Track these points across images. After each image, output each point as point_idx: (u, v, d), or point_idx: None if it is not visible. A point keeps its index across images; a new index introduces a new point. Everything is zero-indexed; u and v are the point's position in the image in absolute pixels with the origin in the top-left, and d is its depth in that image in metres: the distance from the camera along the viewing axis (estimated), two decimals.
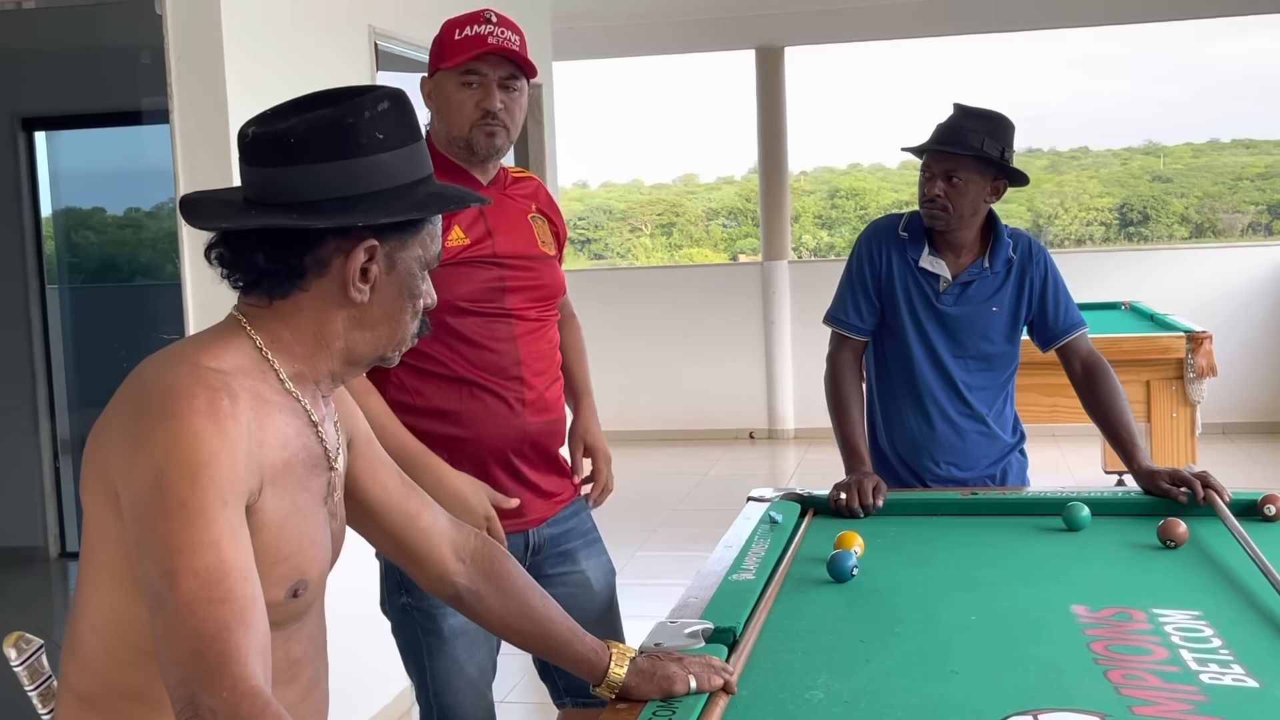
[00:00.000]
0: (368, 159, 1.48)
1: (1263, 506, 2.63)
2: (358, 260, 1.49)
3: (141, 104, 5.73)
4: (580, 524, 2.67)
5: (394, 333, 1.57)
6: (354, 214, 1.46)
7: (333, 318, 1.52)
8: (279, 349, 1.51)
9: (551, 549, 2.60)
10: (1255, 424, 8.57)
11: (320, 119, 1.47)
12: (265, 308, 1.51)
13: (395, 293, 1.54)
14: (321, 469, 1.56)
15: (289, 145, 1.47)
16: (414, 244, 1.54)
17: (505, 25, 2.51)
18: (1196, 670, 1.83)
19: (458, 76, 2.47)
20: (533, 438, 2.53)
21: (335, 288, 1.50)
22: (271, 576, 1.44)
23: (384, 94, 1.52)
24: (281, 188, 1.47)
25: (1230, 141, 16.63)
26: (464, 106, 2.47)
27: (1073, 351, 3.06)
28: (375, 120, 1.48)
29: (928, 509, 2.84)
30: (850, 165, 17.03)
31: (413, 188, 1.52)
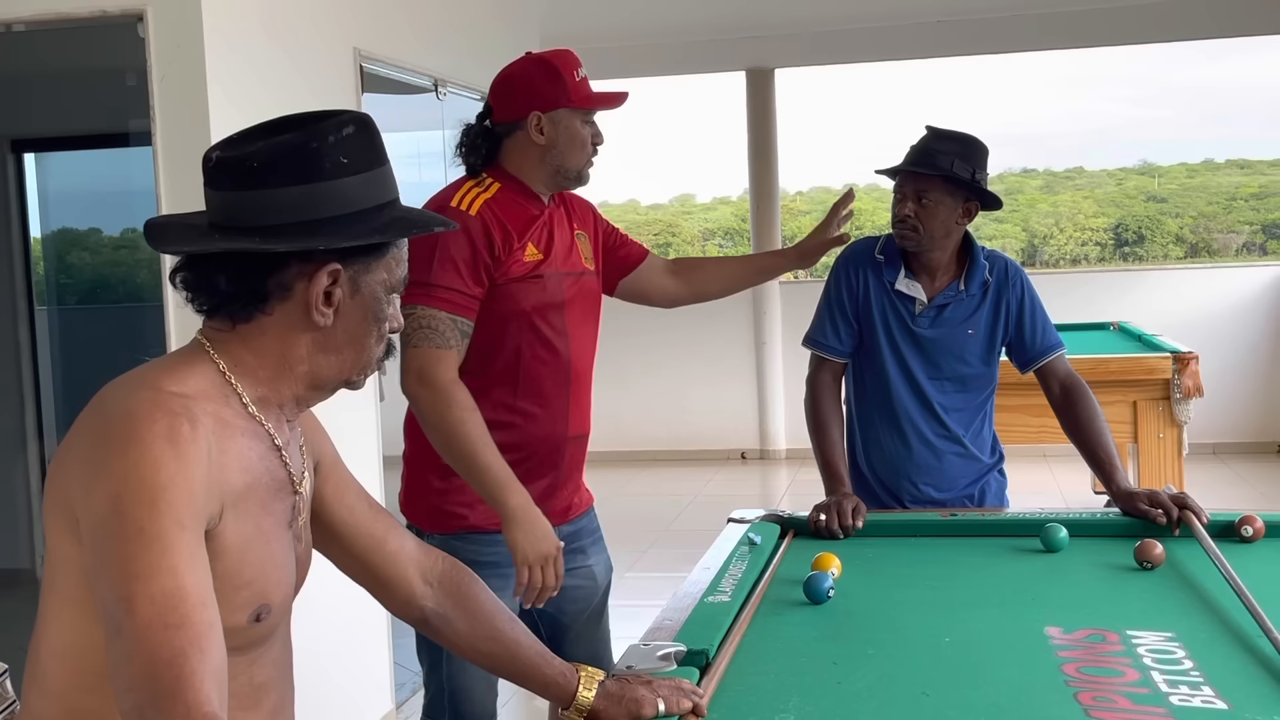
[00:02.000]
0: (331, 183, 1.48)
1: (1240, 528, 2.63)
2: (320, 284, 1.49)
3: (129, 126, 5.75)
4: (589, 523, 2.89)
5: (359, 356, 1.57)
6: (316, 238, 1.46)
7: (296, 341, 1.52)
8: (242, 373, 1.51)
9: (569, 545, 2.73)
10: (1245, 444, 8.58)
11: (283, 143, 1.48)
12: (228, 331, 1.51)
13: (360, 316, 1.54)
14: (285, 493, 1.55)
15: (252, 169, 1.47)
16: (378, 268, 1.54)
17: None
18: (1167, 692, 1.82)
19: (581, 114, 2.69)
20: (569, 448, 2.77)
21: (298, 311, 1.50)
22: (234, 601, 1.44)
23: (349, 119, 1.53)
24: (244, 212, 1.48)
25: (1225, 162, 16.67)
26: (586, 143, 2.71)
27: (1051, 373, 3.06)
28: (339, 145, 1.49)
29: (907, 530, 2.83)
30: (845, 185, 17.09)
31: (377, 212, 1.52)
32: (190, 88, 3.39)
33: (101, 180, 6.78)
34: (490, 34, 5.65)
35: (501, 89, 2.71)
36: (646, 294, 3.03)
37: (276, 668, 1.59)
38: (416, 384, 2.57)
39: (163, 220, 1.58)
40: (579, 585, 2.80)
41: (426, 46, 4.87)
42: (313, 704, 3.90)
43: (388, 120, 6.09)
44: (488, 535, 2.65)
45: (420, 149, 5.65)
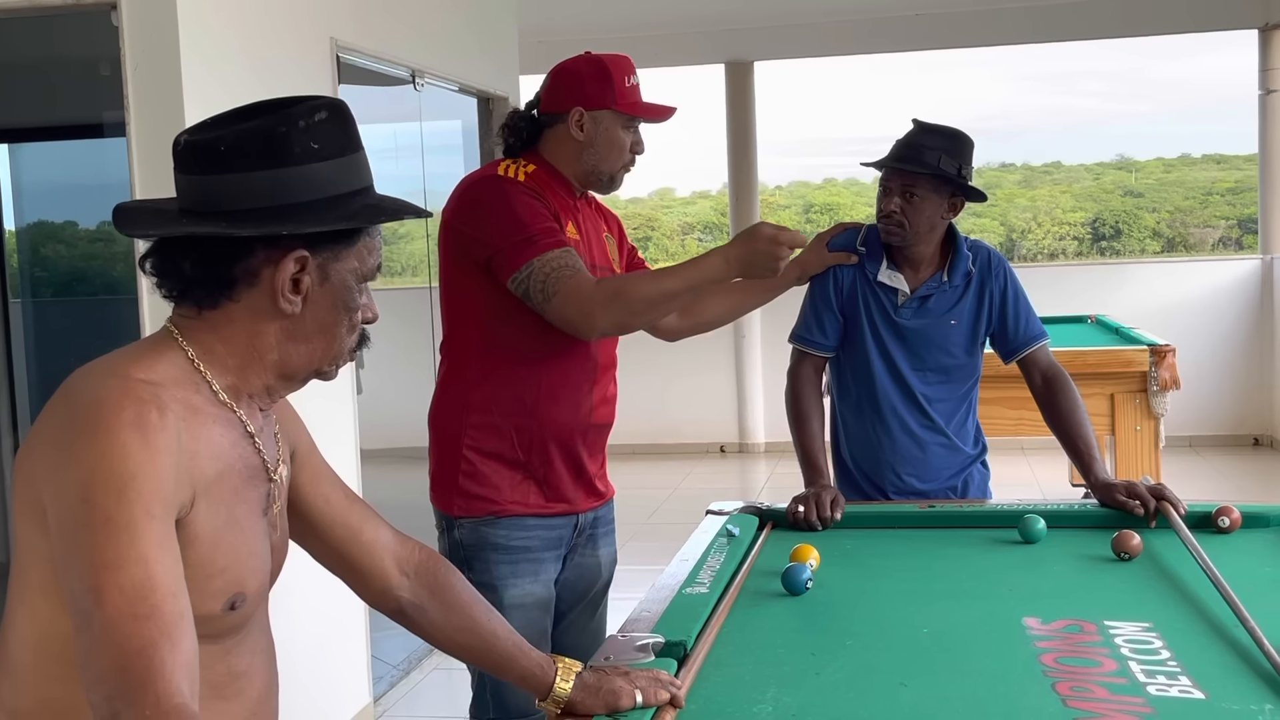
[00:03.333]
0: (300, 169, 1.46)
1: (1217, 518, 2.64)
2: (287, 270, 1.47)
3: (103, 117, 5.70)
4: (607, 514, 2.93)
5: (329, 346, 1.55)
6: (282, 223, 1.44)
7: (265, 329, 1.50)
8: (211, 361, 1.49)
9: (587, 531, 2.82)
10: (1221, 437, 8.62)
11: (252, 128, 1.46)
12: (196, 319, 1.49)
13: (329, 305, 1.52)
14: (260, 480, 1.54)
15: (219, 153, 1.45)
16: (349, 256, 1.52)
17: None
18: (1144, 682, 1.83)
19: (624, 119, 2.72)
20: (592, 436, 2.77)
21: (266, 299, 1.48)
22: (207, 590, 1.42)
23: (322, 103, 1.50)
24: (212, 196, 1.46)
25: (1201, 156, 16.76)
26: (625, 148, 2.74)
27: (1034, 363, 3.06)
28: (310, 130, 1.47)
29: (885, 522, 2.83)
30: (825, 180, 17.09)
31: (348, 198, 1.50)
32: (164, 78, 3.36)
33: (76, 172, 6.73)
34: (468, 26, 5.62)
35: (553, 80, 2.75)
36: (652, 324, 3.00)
37: (256, 656, 1.57)
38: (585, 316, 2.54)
39: (133, 205, 1.55)
40: (581, 574, 2.84)
41: (404, 37, 4.84)
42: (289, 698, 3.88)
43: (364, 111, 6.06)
44: (518, 519, 2.68)
45: (398, 141, 5.63)
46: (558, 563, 2.76)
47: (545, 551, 2.72)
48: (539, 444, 2.69)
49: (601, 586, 2.91)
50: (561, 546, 2.76)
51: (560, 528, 2.75)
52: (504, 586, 2.66)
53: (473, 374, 2.70)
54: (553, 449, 2.70)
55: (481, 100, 5.86)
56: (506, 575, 2.67)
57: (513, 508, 2.68)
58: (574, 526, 2.78)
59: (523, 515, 2.68)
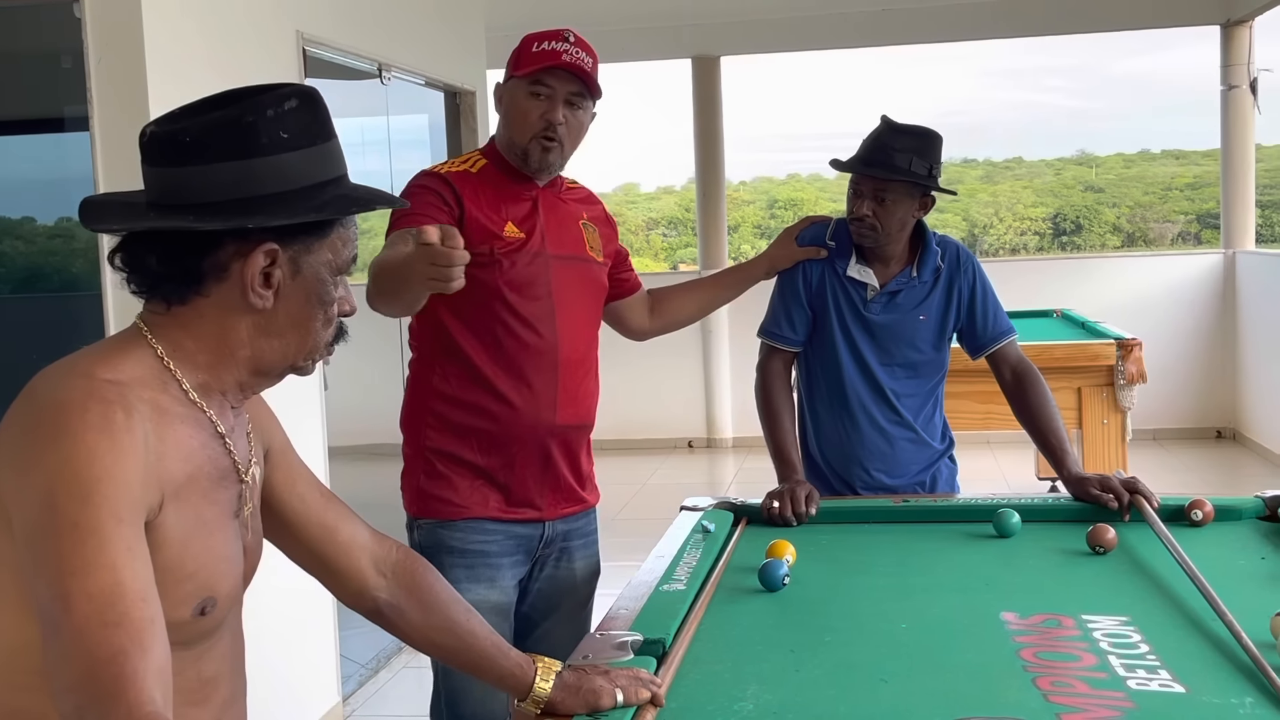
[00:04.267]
0: (268, 159, 1.42)
1: (1190, 512, 2.65)
2: (256, 264, 1.43)
3: (64, 111, 5.62)
4: (586, 524, 2.79)
5: (304, 341, 1.51)
6: (251, 216, 1.40)
7: (236, 325, 1.46)
8: (181, 358, 1.45)
9: (559, 543, 2.71)
10: (1185, 429, 8.69)
11: (218, 117, 1.42)
12: (165, 315, 1.45)
13: (302, 299, 1.48)
14: (230, 481, 1.50)
15: (185, 144, 1.41)
16: (321, 248, 1.48)
17: (582, 46, 2.60)
18: (1124, 676, 1.82)
19: (527, 86, 2.57)
20: (560, 437, 2.65)
21: (236, 294, 1.44)
22: (176, 594, 1.39)
23: (291, 92, 1.46)
24: (179, 189, 1.42)
25: (1160, 152, 16.94)
26: (528, 115, 2.58)
27: (1002, 358, 3.07)
28: (279, 119, 1.43)
29: (860, 517, 2.83)
30: (789, 175, 17.17)
31: (319, 189, 1.45)
32: (129, 70, 3.31)
33: (35, 167, 6.63)
34: (435, 19, 5.58)
35: None
36: (623, 322, 3.00)
37: (225, 662, 1.54)
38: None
39: (100, 199, 1.51)
40: (555, 586, 2.73)
41: (371, 31, 4.80)
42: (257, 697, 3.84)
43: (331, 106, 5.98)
44: (476, 523, 2.62)
45: (365, 136, 5.58)
46: (520, 569, 2.67)
47: (504, 557, 2.63)
48: (500, 447, 2.61)
49: (578, 601, 2.79)
50: (523, 553, 2.67)
51: (524, 534, 2.66)
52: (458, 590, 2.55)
53: (435, 374, 2.64)
54: (516, 452, 2.62)
55: (449, 94, 5.82)
56: (461, 579, 2.57)
57: (470, 511, 2.61)
58: (541, 535, 2.68)
59: (481, 519, 2.61)
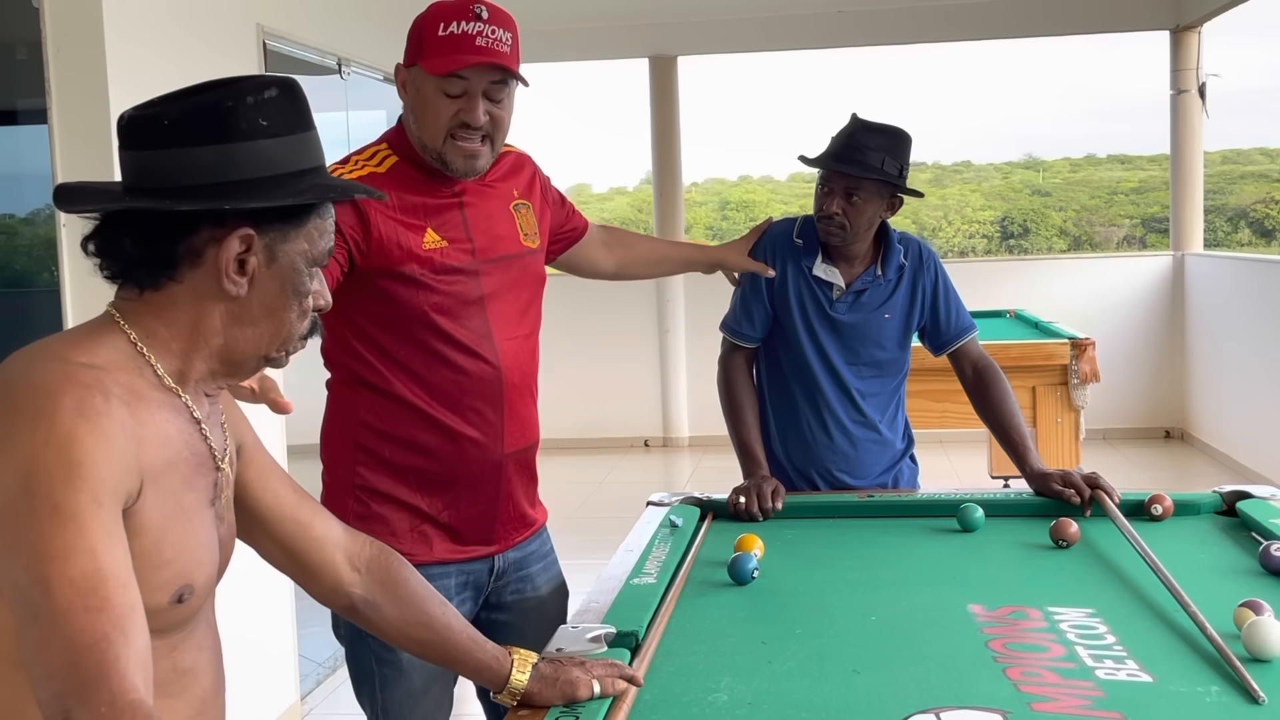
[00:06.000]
0: (246, 144, 1.41)
1: (1150, 506, 2.69)
2: (231, 249, 1.42)
3: (17, 104, 5.54)
4: (540, 546, 2.55)
5: (277, 330, 1.49)
6: (226, 199, 1.40)
7: (210, 312, 1.45)
8: (155, 344, 1.44)
9: (514, 573, 2.49)
10: (1134, 429, 8.81)
11: (198, 102, 1.42)
12: (138, 300, 1.44)
13: (277, 288, 1.47)
14: (207, 468, 1.49)
15: (163, 127, 1.40)
16: (297, 237, 1.47)
17: (498, 21, 2.22)
18: (1092, 666, 1.85)
19: (439, 82, 2.22)
20: (509, 466, 2.41)
21: (211, 279, 1.43)
22: (154, 581, 1.37)
23: (272, 81, 1.46)
24: (155, 172, 1.41)
25: (1106, 157, 17.14)
26: (440, 115, 2.23)
27: (964, 355, 3.09)
28: (259, 106, 1.42)
29: (825, 512, 2.84)
30: (741, 177, 17.21)
31: (297, 177, 1.45)
32: (88, 62, 3.27)
33: None
34: (395, 14, 5.54)
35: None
36: (578, 267, 2.77)
37: (203, 653, 1.53)
38: None
39: (75, 184, 1.50)
40: (525, 617, 2.47)
41: (331, 25, 4.77)
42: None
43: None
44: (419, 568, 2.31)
45: (324, 132, 5.53)
46: (468, 605, 2.41)
47: (453, 596, 2.35)
48: (443, 486, 2.34)
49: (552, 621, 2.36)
50: (472, 589, 2.43)
51: (474, 570, 2.42)
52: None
53: (361, 405, 2.34)
54: (461, 491, 2.36)
55: None
56: None
57: (415, 557, 2.21)
58: (492, 569, 2.44)
59: (426, 564, 2.24)
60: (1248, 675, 1.76)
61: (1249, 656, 1.85)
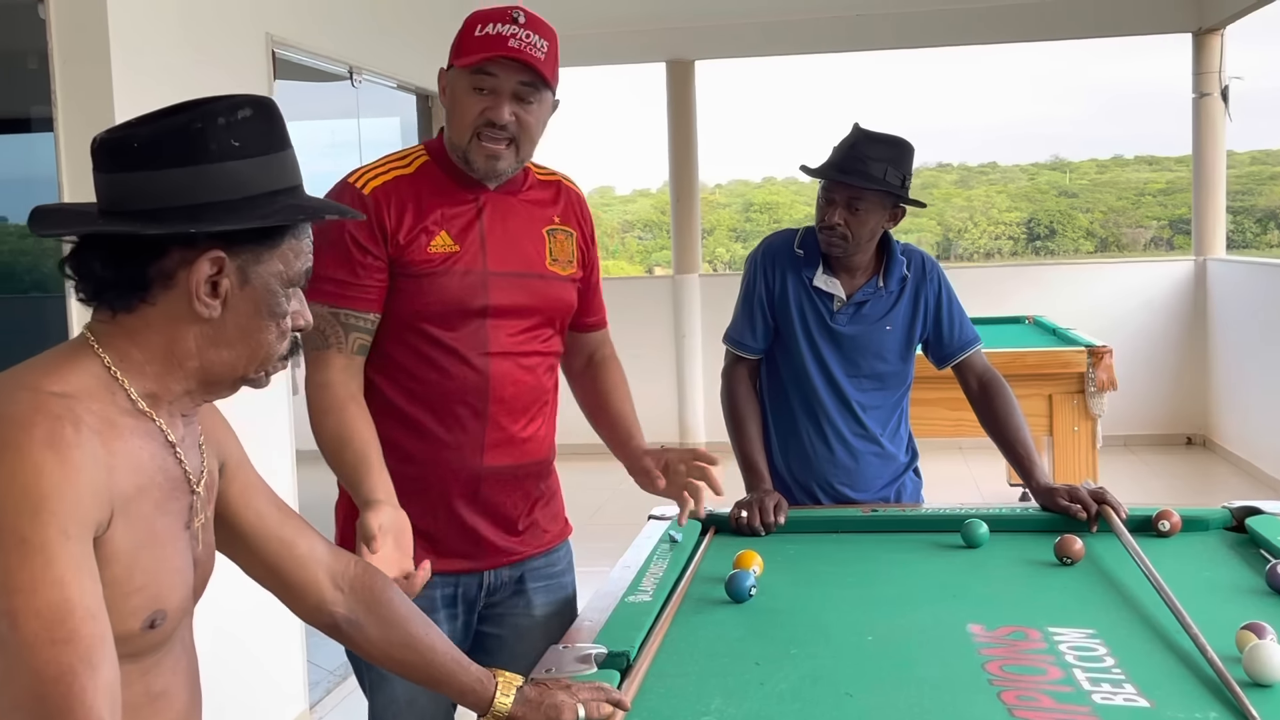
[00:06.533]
0: (217, 165, 1.40)
1: (1157, 522, 2.65)
2: (201, 271, 1.40)
3: (30, 111, 5.57)
4: (548, 566, 2.48)
5: (254, 352, 1.48)
6: (195, 222, 1.38)
7: (184, 334, 1.43)
8: (129, 368, 1.43)
9: (510, 590, 2.43)
10: (1155, 436, 8.73)
11: (168, 123, 1.40)
12: (111, 323, 1.43)
13: (251, 310, 1.45)
14: (182, 492, 1.47)
15: (133, 150, 1.39)
16: (271, 258, 1.45)
17: (533, 27, 2.23)
18: (1089, 690, 1.82)
19: (469, 78, 2.22)
20: (490, 481, 2.34)
21: (183, 302, 1.42)
22: (125, 608, 1.36)
23: (246, 101, 1.45)
24: (127, 195, 1.40)
25: (1133, 157, 17.03)
26: (468, 112, 2.23)
27: (968, 368, 3.06)
28: (231, 127, 1.41)
29: (828, 526, 2.82)
30: (764, 178, 17.18)
31: (269, 198, 1.43)
32: (93, 72, 3.28)
33: (6, 167, 6.58)
34: (407, 23, 5.55)
35: None
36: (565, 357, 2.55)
37: (176, 676, 1.51)
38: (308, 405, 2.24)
39: (52, 206, 1.49)
40: (518, 635, 2.42)
41: (342, 34, 4.76)
42: (225, 705, 3.81)
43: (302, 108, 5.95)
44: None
45: (335, 138, 5.55)
46: (454, 622, 2.38)
47: (435, 612, 2.32)
48: (420, 491, 2.29)
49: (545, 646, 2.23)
50: (462, 605, 2.39)
51: (455, 584, 2.37)
52: None
53: (382, 412, 2.32)
54: (436, 499, 2.32)
55: (420, 97, 5.79)
56: None
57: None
58: (481, 584, 2.40)
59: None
60: (1247, 701, 1.73)
61: (1249, 681, 1.82)
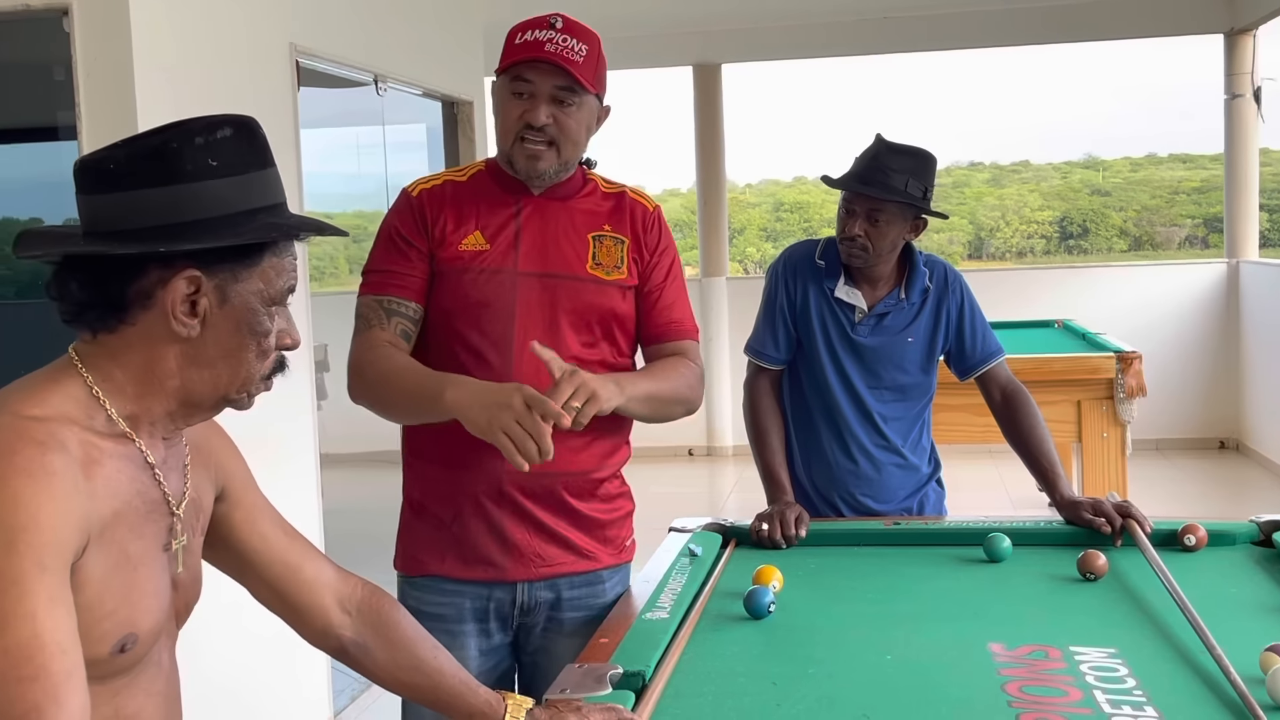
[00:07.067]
0: (193, 185, 1.40)
1: (1183, 536, 2.62)
2: (178, 290, 1.41)
3: (57, 119, 5.61)
4: (589, 592, 2.41)
5: (235, 372, 1.47)
6: (170, 241, 1.39)
7: (164, 354, 1.43)
8: (111, 389, 1.43)
9: (545, 611, 2.39)
10: (1187, 440, 8.65)
11: (145, 145, 1.41)
12: (93, 344, 1.44)
13: (231, 329, 1.45)
14: (160, 514, 1.47)
15: (110, 171, 1.40)
16: (250, 276, 1.45)
17: (572, 32, 2.28)
18: (1110, 713, 1.79)
19: (509, 84, 2.28)
20: (515, 488, 2.31)
21: (162, 322, 1.42)
22: (95, 633, 1.36)
23: (226, 120, 1.45)
24: (106, 216, 1.40)
25: (1168, 156, 16.86)
26: (509, 116, 2.29)
27: (991, 380, 3.04)
28: (209, 147, 1.41)
29: (849, 539, 2.80)
30: (795, 178, 17.10)
31: (248, 216, 1.43)
32: (116, 83, 3.29)
33: (39, 171, 6.64)
34: (431, 30, 5.56)
35: None
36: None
37: (150, 698, 1.50)
38: (348, 378, 2.30)
39: (37, 230, 1.51)
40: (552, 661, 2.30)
41: (366, 42, 4.77)
42: (249, 714, 3.82)
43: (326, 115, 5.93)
44: (433, 581, 2.38)
45: (360, 141, 5.57)
46: (489, 639, 2.38)
47: (465, 624, 2.35)
48: (450, 494, 2.33)
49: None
50: (496, 619, 2.38)
51: (486, 597, 2.36)
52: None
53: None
54: (463, 501, 2.33)
55: (446, 104, 5.80)
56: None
57: (426, 567, 2.37)
58: (514, 599, 2.37)
59: (437, 577, 2.35)
60: None
61: (1272, 704, 1.79)
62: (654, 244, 2.43)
